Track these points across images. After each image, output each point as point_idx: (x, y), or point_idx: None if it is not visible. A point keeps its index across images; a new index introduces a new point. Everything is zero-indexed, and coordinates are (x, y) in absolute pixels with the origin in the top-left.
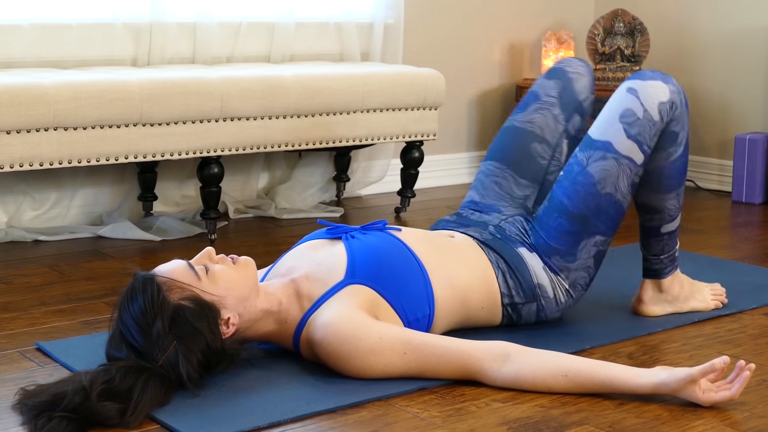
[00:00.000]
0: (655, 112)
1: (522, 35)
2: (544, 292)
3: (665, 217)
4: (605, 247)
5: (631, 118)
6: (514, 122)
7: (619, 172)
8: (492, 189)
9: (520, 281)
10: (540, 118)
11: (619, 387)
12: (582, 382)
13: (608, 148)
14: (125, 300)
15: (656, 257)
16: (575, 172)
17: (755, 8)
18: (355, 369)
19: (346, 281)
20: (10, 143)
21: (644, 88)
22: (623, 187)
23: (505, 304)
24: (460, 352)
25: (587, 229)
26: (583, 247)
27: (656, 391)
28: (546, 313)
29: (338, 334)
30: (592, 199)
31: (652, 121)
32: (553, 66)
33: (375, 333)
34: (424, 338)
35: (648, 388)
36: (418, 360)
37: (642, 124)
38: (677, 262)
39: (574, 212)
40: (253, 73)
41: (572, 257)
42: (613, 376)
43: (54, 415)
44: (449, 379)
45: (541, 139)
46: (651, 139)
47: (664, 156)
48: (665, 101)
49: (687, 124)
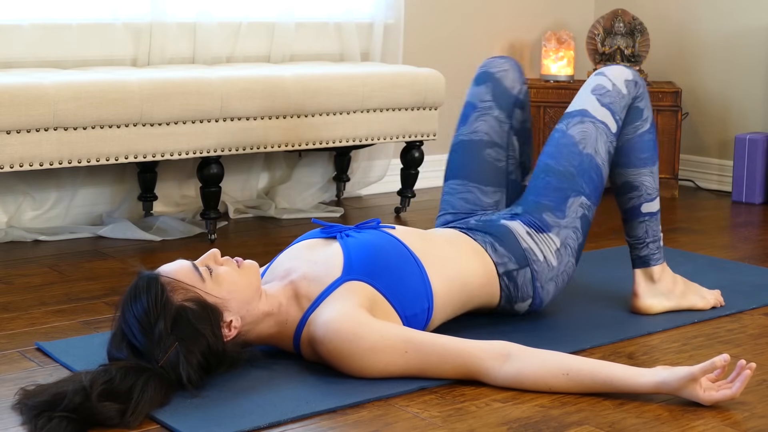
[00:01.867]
0: (623, 86)
1: (522, 35)
2: (533, 255)
3: (643, 194)
4: (590, 214)
5: (603, 90)
6: (461, 137)
7: (597, 134)
8: (461, 206)
9: (508, 248)
10: (483, 124)
11: (620, 386)
12: (583, 382)
13: (585, 113)
14: (128, 299)
15: (641, 242)
16: (556, 138)
17: (755, 8)
18: (356, 367)
19: (344, 278)
20: (10, 143)
21: (610, 69)
22: (602, 152)
23: (500, 274)
24: (461, 351)
25: (573, 186)
26: (571, 204)
27: (657, 390)
28: (541, 281)
29: (339, 333)
30: (575, 158)
31: (621, 93)
32: (478, 72)
33: (376, 332)
34: (425, 337)
35: (649, 387)
36: (419, 359)
37: (612, 94)
38: (662, 253)
39: (560, 169)
40: (253, 73)
41: (561, 213)
42: (613, 375)
43: (54, 415)
44: (450, 379)
45: (490, 143)
46: (621, 111)
47: (632, 129)
48: (630, 79)
49: (650, 106)
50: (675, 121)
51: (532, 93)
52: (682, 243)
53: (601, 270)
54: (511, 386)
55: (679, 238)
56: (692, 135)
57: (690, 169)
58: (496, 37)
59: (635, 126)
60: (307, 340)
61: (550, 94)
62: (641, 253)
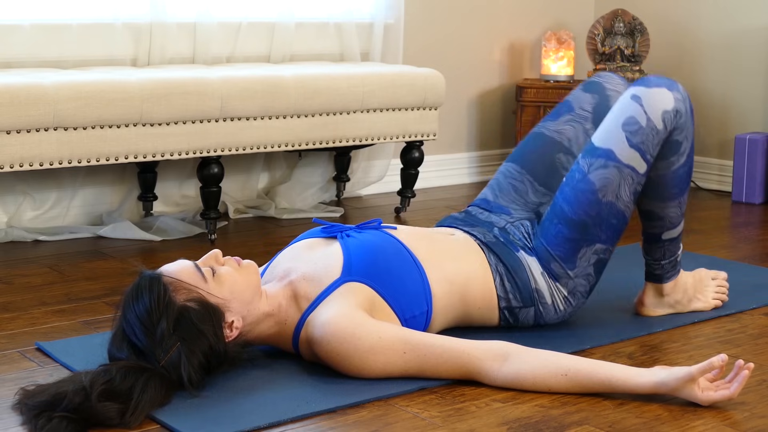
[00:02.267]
0: (659, 121)
1: (522, 35)
2: (542, 297)
3: (666, 224)
4: (606, 256)
5: (634, 126)
6: (543, 129)
7: (621, 180)
8: (507, 191)
9: (517, 285)
10: (570, 129)
11: (619, 386)
12: (582, 382)
13: (610, 156)
14: (130, 298)
15: (657, 262)
16: (576, 179)
17: (755, 8)
18: (355, 368)
19: (343, 279)
20: (10, 143)
21: (648, 95)
22: (625, 196)
23: (502, 307)
24: (460, 352)
25: (587, 236)
26: (582, 255)
27: (656, 391)
28: (544, 319)
29: (338, 334)
30: (593, 207)
31: (655, 129)
32: (592, 79)
33: (374, 332)
34: (423, 338)
35: (647, 387)
36: (417, 359)
37: (645, 132)
38: (679, 266)
39: (574, 219)
40: (253, 73)
41: (572, 264)
42: (612, 375)
43: (54, 415)
44: (449, 379)
45: (567, 150)
46: (654, 148)
47: (665, 165)
48: (669, 110)
49: (692, 133)
50: None
51: (531, 93)
52: (683, 243)
53: None
54: (510, 387)
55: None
56: None
57: None
58: (496, 37)
59: (670, 162)
60: (306, 340)
61: (550, 94)
62: (655, 271)
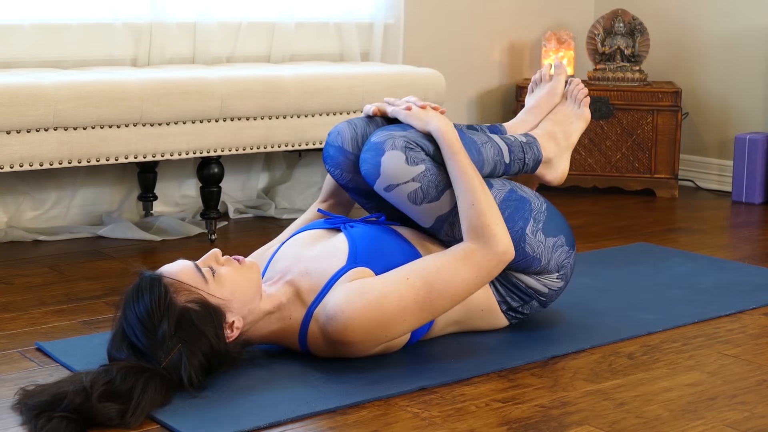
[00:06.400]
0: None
1: (522, 35)
2: (538, 291)
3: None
4: (542, 216)
5: (414, 194)
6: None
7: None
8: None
9: (510, 289)
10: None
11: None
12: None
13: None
14: (131, 299)
15: (520, 172)
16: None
17: (755, 8)
18: (374, 321)
19: (349, 266)
20: (10, 143)
21: (386, 172)
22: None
23: (504, 310)
24: (455, 256)
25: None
26: (519, 241)
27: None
28: (551, 301)
29: (348, 300)
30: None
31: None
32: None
33: (377, 280)
34: (416, 262)
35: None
36: (421, 279)
37: (423, 187)
38: (528, 148)
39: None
40: (253, 73)
41: (530, 258)
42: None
43: (54, 416)
44: (464, 289)
45: None
46: (440, 186)
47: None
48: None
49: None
50: (675, 121)
51: None
52: (682, 243)
53: (600, 269)
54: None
55: (679, 238)
56: (692, 135)
57: (690, 169)
58: (496, 37)
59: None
60: (317, 331)
61: None
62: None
